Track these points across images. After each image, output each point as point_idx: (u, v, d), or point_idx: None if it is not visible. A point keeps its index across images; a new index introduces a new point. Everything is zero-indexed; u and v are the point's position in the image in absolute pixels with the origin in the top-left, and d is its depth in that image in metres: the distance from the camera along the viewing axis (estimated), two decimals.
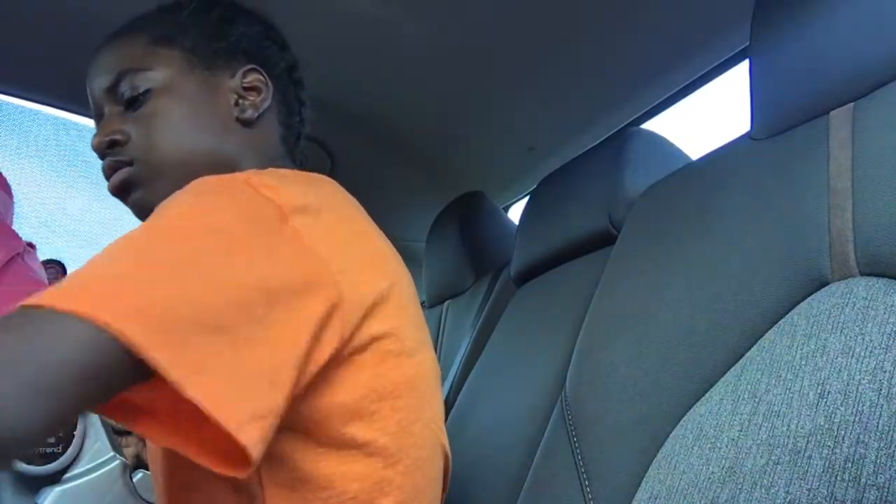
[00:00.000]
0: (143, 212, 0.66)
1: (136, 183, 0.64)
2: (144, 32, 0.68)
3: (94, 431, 0.77)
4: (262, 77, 0.70)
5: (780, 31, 0.60)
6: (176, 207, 0.49)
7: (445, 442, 0.65)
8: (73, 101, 1.25)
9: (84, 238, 1.51)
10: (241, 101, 0.69)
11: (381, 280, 0.57)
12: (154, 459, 0.60)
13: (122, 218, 1.53)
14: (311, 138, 1.31)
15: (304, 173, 0.61)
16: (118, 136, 0.64)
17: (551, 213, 0.96)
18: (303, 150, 0.77)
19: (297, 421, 0.52)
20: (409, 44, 1.05)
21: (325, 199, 0.57)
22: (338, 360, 0.52)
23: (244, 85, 0.69)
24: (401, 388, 0.57)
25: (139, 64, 0.66)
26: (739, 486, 0.47)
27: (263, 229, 0.49)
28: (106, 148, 0.65)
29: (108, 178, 0.66)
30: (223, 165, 0.65)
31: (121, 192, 0.65)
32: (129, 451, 0.86)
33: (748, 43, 0.64)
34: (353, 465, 0.54)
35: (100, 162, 0.66)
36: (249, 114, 0.69)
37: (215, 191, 0.51)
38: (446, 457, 0.65)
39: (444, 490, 0.67)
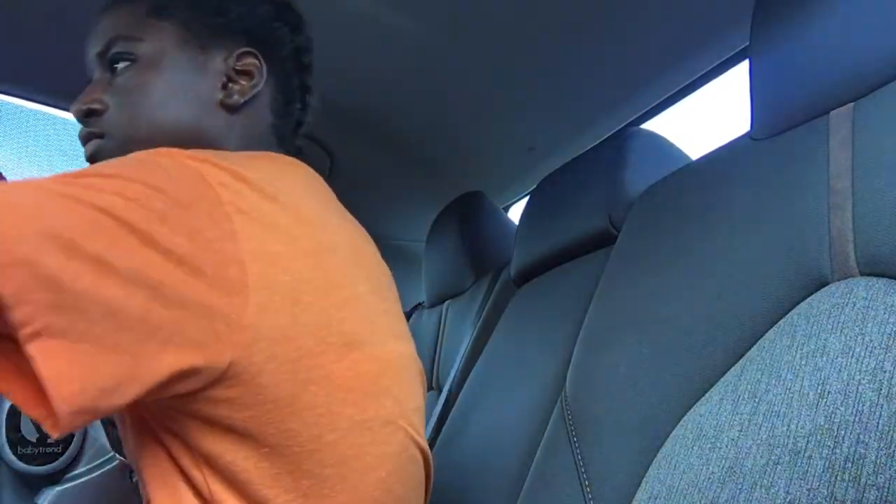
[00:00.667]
0: None
1: (105, 157, 0.61)
2: (144, 1, 0.65)
3: (94, 431, 0.77)
4: (256, 62, 0.67)
5: (780, 31, 0.60)
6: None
7: (423, 442, 0.61)
8: (72, 101, 1.25)
9: None
10: (229, 84, 0.66)
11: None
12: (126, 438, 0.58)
13: None
14: (311, 138, 1.32)
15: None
16: (96, 105, 0.63)
17: (551, 213, 0.96)
18: (299, 144, 0.74)
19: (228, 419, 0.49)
20: (410, 44, 1.05)
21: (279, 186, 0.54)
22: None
23: (236, 68, 0.66)
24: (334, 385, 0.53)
25: (131, 32, 0.64)
26: (739, 486, 0.47)
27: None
28: (83, 116, 0.63)
29: (82, 145, 0.64)
30: (197, 146, 0.62)
31: (91, 163, 0.62)
32: None
33: (748, 43, 0.64)
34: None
35: None
36: (235, 99, 0.66)
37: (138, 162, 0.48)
38: (426, 459, 0.62)
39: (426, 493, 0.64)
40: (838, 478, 0.42)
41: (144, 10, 0.64)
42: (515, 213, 1.64)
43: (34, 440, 0.72)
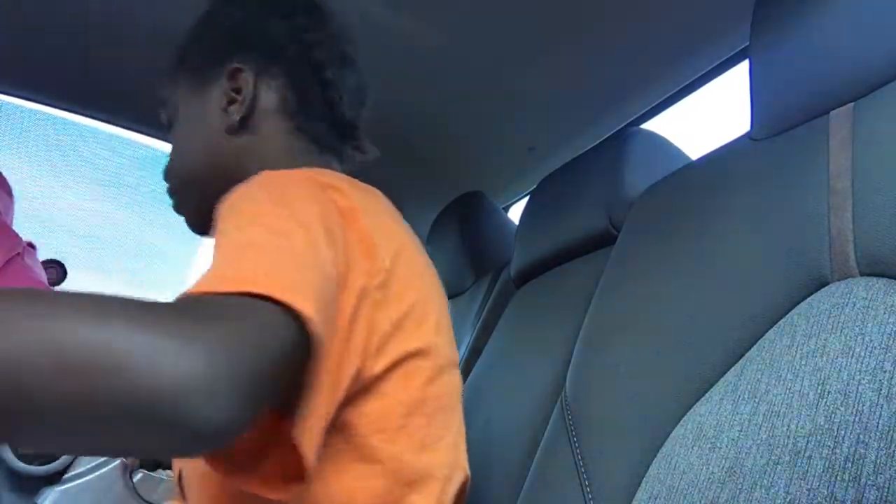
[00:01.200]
0: (190, 227, 0.73)
1: (178, 206, 0.72)
2: (173, 59, 0.73)
3: None
4: (244, 74, 0.66)
5: (780, 31, 0.60)
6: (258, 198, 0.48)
7: (465, 465, 0.64)
8: (73, 101, 1.25)
9: (84, 237, 1.51)
10: (229, 106, 0.67)
11: (418, 294, 0.57)
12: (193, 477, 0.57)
13: (123, 218, 1.53)
14: None
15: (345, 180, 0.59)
16: (164, 172, 0.72)
17: (551, 213, 0.96)
18: (359, 144, 0.73)
19: (329, 432, 0.50)
20: (410, 44, 1.05)
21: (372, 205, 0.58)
22: (370, 374, 0.51)
23: (233, 87, 0.67)
24: (430, 405, 0.56)
25: (164, 95, 0.72)
26: (739, 486, 0.47)
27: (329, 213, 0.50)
28: (165, 176, 0.73)
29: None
30: (224, 178, 0.63)
31: (176, 211, 0.73)
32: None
33: (748, 43, 0.64)
34: (372, 480, 0.52)
35: (99, 161, 0.69)
36: (234, 118, 0.66)
37: (285, 185, 0.51)
38: (465, 479, 0.64)
39: None
40: (838, 478, 0.42)
41: (173, 69, 0.72)
42: (515, 213, 1.64)
43: None
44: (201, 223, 0.70)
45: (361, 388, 0.52)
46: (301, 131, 0.68)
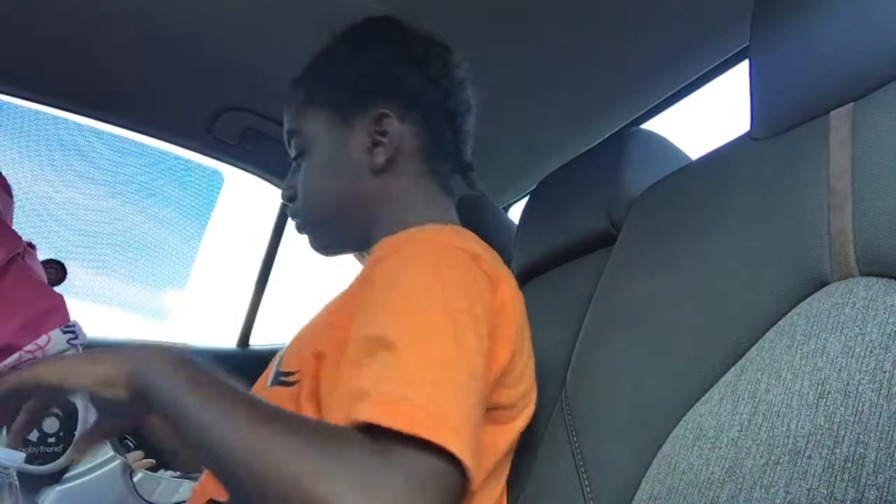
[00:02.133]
0: (317, 250, 0.77)
1: (307, 231, 0.76)
2: (302, 90, 0.74)
3: None
4: (391, 119, 0.71)
5: (780, 31, 0.60)
6: (419, 294, 0.52)
7: None
8: (73, 100, 1.25)
9: (84, 238, 1.51)
10: (373, 148, 0.71)
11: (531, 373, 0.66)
12: None
13: (124, 216, 1.54)
14: None
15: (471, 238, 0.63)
16: (290, 192, 0.75)
17: (551, 213, 0.96)
18: (470, 182, 0.78)
19: None
20: None
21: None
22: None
23: (378, 130, 0.71)
24: (510, 448, 0.63)
25: (296, 125, 0.74)
26: (739, 486, 0.47)
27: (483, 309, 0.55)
28: (287, 200, 0.77)
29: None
30: (367, 211, 0.72)
31: (300, 233, 0.77)
32: (137, 463, 0.86)
33: (748, 43, 0.64)
34: None
35: (100, 160, 0.70)
36: (380, 160, 0.70)
37: (441, 264, 0.55)
38: None
39: None
40: (838, 478, 0.42)
41: (301, 101, 0.73)
42: (515, 213, 1.64)
43: (34, 440, 0.72)
44: (326, 247, 0.77)
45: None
46: (433, 174, 0.74)
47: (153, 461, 0.91)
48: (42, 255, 1.01)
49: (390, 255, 0.57)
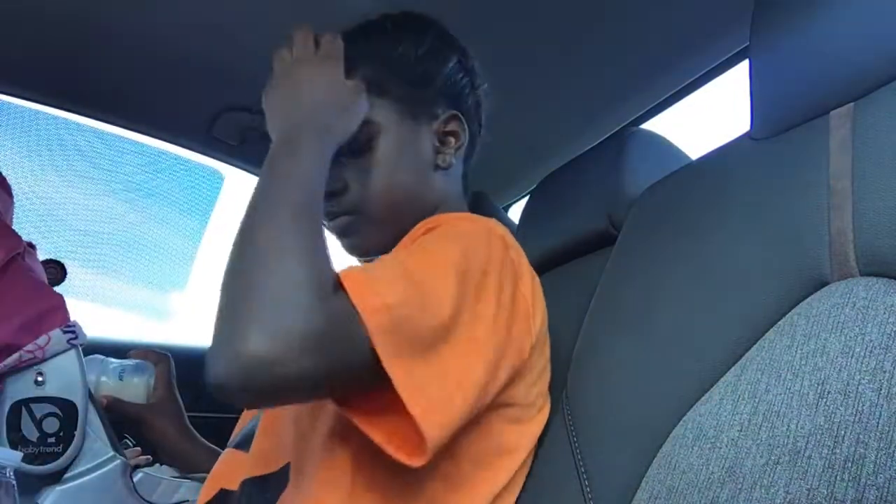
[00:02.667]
0: (354, 252, 0.73)
1: (355, 230, 0.71)
2: (362, 75, 0.69)
3: (93, 431, 0.77)
4: (461, 123, 0.73)
5: (780, 31, 0.60)
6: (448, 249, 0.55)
7: None
8: (73, 100, 1.25)
9: (84, 238, 1.51)
10: (441, 147, 0.72)
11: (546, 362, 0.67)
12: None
13: (123, 216, 1.54)
14: None
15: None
16: (336, 186, 0.69)
17: (551, 213, 0.96)
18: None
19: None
20: None
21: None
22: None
23: (444, 130, 0.72)
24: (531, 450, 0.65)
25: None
26: (739, 486, 0.47)
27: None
28: (328, 197, 0.68)
29: (327, 220, 0.71)
30: (425, 210, 0.71)
31: (340, 234, 0.72)
32: (137, 460, 0.86)
33: (748, 43, 0.64)
34: None
35: (100, 160, 0.68)
36: (448, 161, 0.72)
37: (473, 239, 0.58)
38: None
39: None
40: (838, 478, 0.42)
41: (365, 90, 0.69)
42: (515, 213, 1.64)
43: (34, 440, 0.72)
44: (368, 248, 0.72)
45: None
46: (465, 177, 0.77)
47: (150, 457, 0.91)
48: (42, 255, 1.01)
49: (427, 231, 0.60)
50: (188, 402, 0.92)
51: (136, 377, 0.88)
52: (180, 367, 0.95)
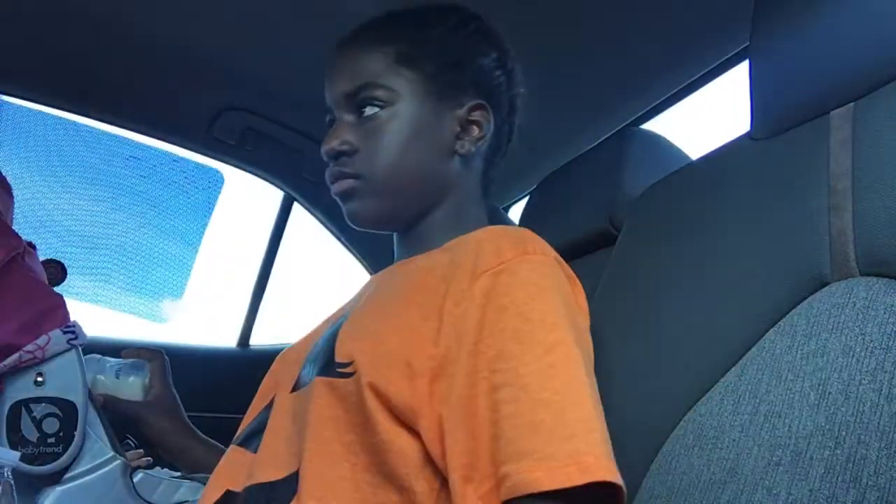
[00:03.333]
0: (353, 218, 0.70)
1: (357, 195, 0.68)
2: (392, 45, 0.69)
3: (93, 431, 0.77)
4: (486, 113, 0.71)
5: (780, 31, 0.60)
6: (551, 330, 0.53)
7: None
8: (73, 100, 1.25)
9: (84, 238, 1.51)
10: (462, 134, 0.70)
11: None
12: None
13: (121, 220, 1.53)
14: (310, 137, 1.31)
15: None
16: (346, 147, 0.67)
17: (551, 213, 0.96)
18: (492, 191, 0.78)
19: None
20: None
21: None
22: None
23: (469, 118, 0.71)
24: None
25: (382, 80, 0.67)
26: (741, 488, 0.47)
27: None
28: (335, 156, 0.68)
29: (330, 180, 0.70)
30: (432, 193, 0.70)
31: (341, 197, 0.69)
32: (137, 462, 0.86)
33: (748, 43, 0.64)
34: None
35: (99, 162, 0.67)
36: (467, 149, 0.70)
37: (557, 287, 0.57)
38: None
39: None
40: (839, 478, 0.42)
41: (393, 58, 0.68)
42: (515, 213, 1.64)
43: (34, 440, 0.72)
44: (372, 220, 0.70)
45: None
46: (486, 178, 0.75)
47: (150, 458, 0.91)
48: (41, 255, 1.01)
49: (506, 274, 0.56)
50: (186, 401, 0.92)
51: (133, 375, 0.88)
52: (180, 366, 0.95)
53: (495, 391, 0.49)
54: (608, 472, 0.44)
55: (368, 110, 0.68)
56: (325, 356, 0.60)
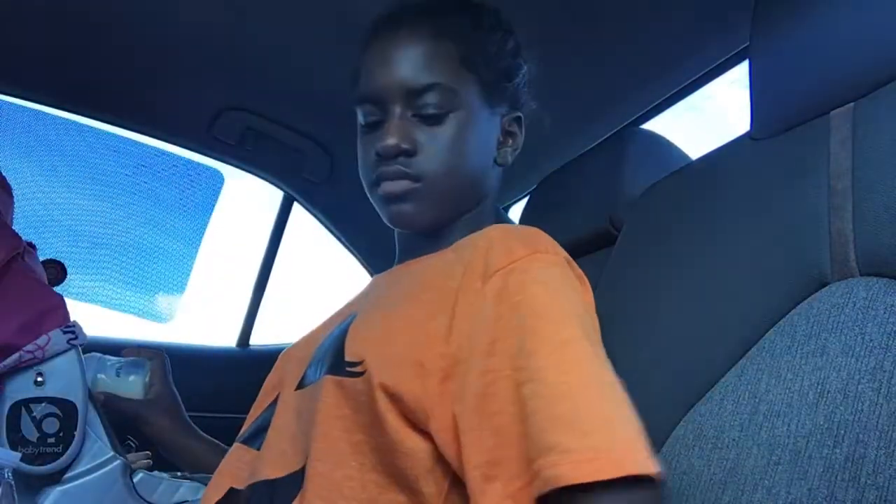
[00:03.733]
0: (400, 219, 0.67)
1: (413, 198, 0.65)
2: (455, 45, 0.67)
3: (93, 431, 0.77)
4: (520, 126, 0.73)
5: (780, 31, 0.60)
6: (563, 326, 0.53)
7: None
8: (73, 100, 1.25)
9: (84, 238, 1.51)
10: (501, 144, 0.71)
11: None
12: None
13: (122, 218, 1.53)
14: (310, 137, 1.31)
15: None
16: (409, 146, 0.64)
17: (551, 213, 0.96)
18: None
19: None
20: None
21: None
22: None
23: (507, 129, 0.72)
24: None
25: (450, 82, 0.65)
26: (741, 488, 0.47)
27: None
28: (396, 154, 0.64)
29: (382, 178, 0.66)
30: (474, 199, 0.70)
31: (395, 199, 0.66)
32: (138, 464, 0.86)
33: (748, 43, 0.64)
34: None
35: (99, 161, 0.66)
36: (506, 159, 0.72)
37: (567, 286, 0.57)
38: None
39: None
40: (838, 478, 0.42)
41: (457, 59, 0.66)
42: (515, 213, 1.64)
43: (34, 440, 0.72)
44: (420, 221, 0.67)
45: None
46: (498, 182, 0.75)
47: (150, 461, 0.91)
48: (41, 256, 1.01)
49: (517, 272, 0.55)
50: (186, 400, 0.92)
51: (133, 374, 0.88)
52: (180, 366, 0.95)
53: (519, 388, 0.48)
54: (635, 463, 0.43)
55: (431, 110, 0.65)
56: (334, 355, 0.59)
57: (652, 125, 1.20)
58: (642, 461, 0.43)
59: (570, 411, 0.46)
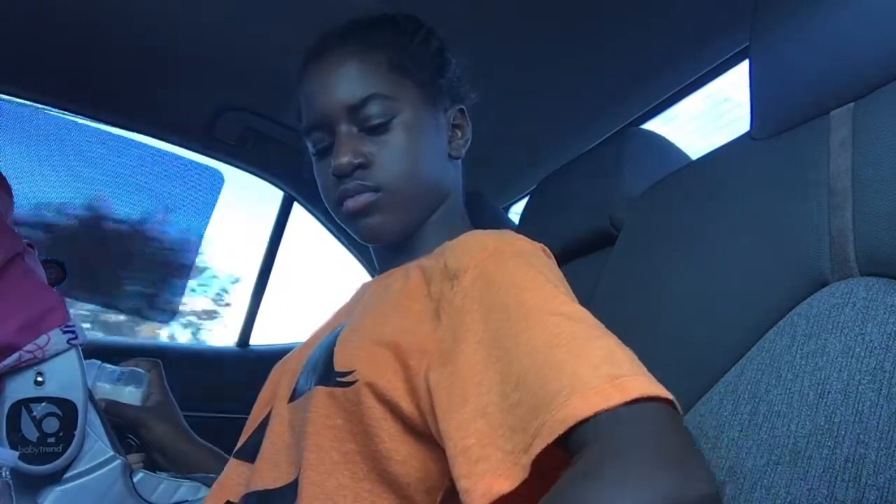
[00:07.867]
0: (369, 234, 0.68)
1: (378, 209, 0.66)
2: (383, 54, 0.68)
3: (93, 431, 0.77)
4: (465, 117, 0.74)
5: (780, 31, 0.60)
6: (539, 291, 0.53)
7: None
8: (72, 100, 1.25)
9: (84, 237, 1.51)
10: (451, 138, 0.73)
11: None
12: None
13: (122, 218, 1.53)
14: None
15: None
16: (362, 160, 0.66)
17: (551, 214, 0.96)
18: None
19: None
20: None
21: None
22: None
23: (453, 122, 0.73)
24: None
25: (386, 91, 0.67)
26: (740, 487, 0.47)
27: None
28: (352, 170, 0.66)
29: (344, 196, 0.67)
30: (438, 197, 0.71)
31: (360, 214, 0.67)
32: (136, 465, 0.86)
33: (748, 43, 0.64)
34: None
35: (99, 161, 0.67)
36: (458, 151, 0.73)
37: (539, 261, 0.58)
38: None
39: None
40: (838, 478, 0.42)
41: (387, 67, 0.68)
42: (515, 213, 1.64)
43: (34, 440, 0.72)
44: (387, 233, 0.68)
45: None
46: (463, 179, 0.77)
47: (142, 464, 0.91)
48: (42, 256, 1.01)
49: (492, 258, 0.56)
50: (185, 401, 0.92)
51: (132, 385, 0.89)
52: (180, 366, 0.95)
53: (509, 365, 0.48)
54: (644, 386, 0.43)
55: (375, 120, 0.66)
56: (324, 365, 0.59)
57: (652, 125, 1.20)
58: (653, 385, 0.43)
59: (572, 358, 0.45)
